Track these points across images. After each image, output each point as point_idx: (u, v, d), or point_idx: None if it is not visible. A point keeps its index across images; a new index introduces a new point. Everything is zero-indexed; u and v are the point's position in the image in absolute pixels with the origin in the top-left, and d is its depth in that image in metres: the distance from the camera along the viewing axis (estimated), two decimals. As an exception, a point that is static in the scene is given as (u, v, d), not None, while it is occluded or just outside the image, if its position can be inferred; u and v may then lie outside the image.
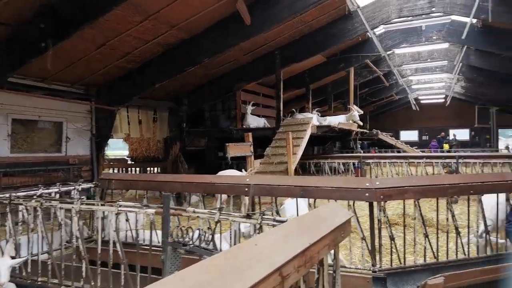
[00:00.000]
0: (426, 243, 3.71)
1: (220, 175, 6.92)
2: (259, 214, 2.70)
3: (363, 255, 3.74)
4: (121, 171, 12.95)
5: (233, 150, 8.29)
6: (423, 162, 11.26)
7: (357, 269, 3.62)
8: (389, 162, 11.86)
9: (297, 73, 13.92)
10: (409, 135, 31.86)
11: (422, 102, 29.15)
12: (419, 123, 31.23)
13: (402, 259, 3.72)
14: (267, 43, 10.39)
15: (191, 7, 7.40)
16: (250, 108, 12.14)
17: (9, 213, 3.88)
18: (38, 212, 3.72)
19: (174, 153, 12.31)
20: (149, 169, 13.91)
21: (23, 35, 6.43)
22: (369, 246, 3.62)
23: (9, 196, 3.91)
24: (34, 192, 4.23)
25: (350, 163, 12.73)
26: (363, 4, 10.10)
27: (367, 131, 18.18)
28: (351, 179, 7.11)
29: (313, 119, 11.20)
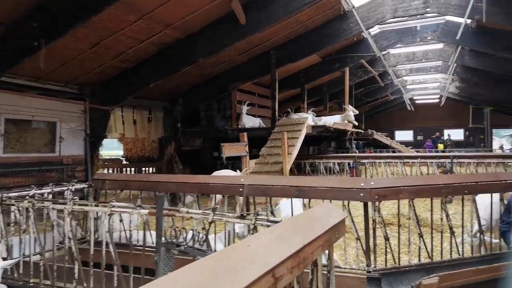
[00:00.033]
0: (421, 243, 3.71)
1: (215, 175, 6.90)
2: (253, 215, 2.69)
3: (357, 255, 3.74)
4: (115, 171, 12.89)
5: (228, 150, 8.28)
6: (417, 162, 11.30)
7: (351, 269, 3.62)
8: (384, 162, 11.89)
9: (292, 73, 13.92)
10: (404, 135, 31.96)
11: (417, 102, 29.26)
12: (414, 123, 31.35)
13: (397, 259, 3.73)
14: (262, 43, 10.38)
15: (185, 6, 7.37)
16: (245, 108, 12.12)
17: (1, 214, 3.84)
18: (30, 212, 3.68)
19: (169, 153, 12.26)
20: (144, 169, 13.85)
21: (15, 34, 6.37)
22: (364, 246, 3.61)
23: (0, 197, 3.87)
24: (26, 193, 4.19)
25: (345, 163, 12.74)
26: (358, 4, 10.11)
27: (362, 131, 18.24)
28: (346, 179, 7.11)
29: (308, 119, 11.20)
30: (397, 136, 30.51)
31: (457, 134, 29.18)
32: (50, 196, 4.41)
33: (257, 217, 2.67)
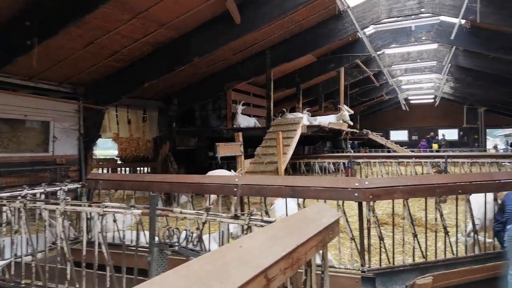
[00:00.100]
0: (415, 242, 3.71)
1: (209, 175, 6.87)
2: (247, 215, 2.67)
3: (352, 255, 3.73)
4: (110, 171, 12.83)
5: (223, 150, 8.25)
6: (412, 162, 11.34)
7: (346, 269, 3.62)
8: (379, 162, 11.92)
9: (287, 73, 13.91)
10: (399, 135, 32.10)
11: (411, 102, 29.38)
12: (408, 123, 31.50)
13: (391, 258, 3.72)
14: (258, 42, 10.36)
15: (180, 5, 7.33)
16: (240, 108, 12.10)
17: (-8, 214, 3.80)
18: (21, 213, 3.64)
19: (164, 153, 12.19)
20: (138, 169, 13.80)
21: (8, 33, 6.30)
22: (358, 246, 3.61)
23: (-9, 197, 3.83)
24: (18, 193, 4.14)
25: (341, 163, 12.76)
26: (353, 4, 10.12)
27: (358, 131, 18.26)
28: (340, 179, 7.11)
29: (303, 119, 11.20)
30: (392, 136, 30.63)
31: (451, 134, 29.38)
32: (43, 196, 4.37)
33: (251, 217, 2.66)
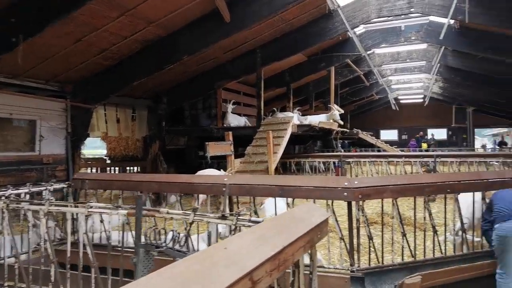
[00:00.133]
0: (404, 241, 3.71)
1: (198, 174, 6.81)
2: (234, 215, 2.63)
3: (341, 254, 3.72)
4: (99, 170, 12.68)
5: (213, 149, 8.19)
6: (402, 161, 11.41)
7: (335, 269, 3.59)
8: (369, 161, 11.97)
9: (278, 72, 13.89)
10: (389, 134, 32.35)
11: (401, 102, 29.63)
12: (398, 122, 31.75)
13: (380, 258, 3.71)
14: (248, 41, 10.32)
15: (169, 3, 7.25)
16: (230, 107, 12.04)
17: (-26, 215, 3.69)
18: (4, 214, 3.55)
19: (153, 152, 12.09)
20: (128, 169, 13.67)
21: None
22: (348, 246, 3.59)
23: (-26, 197, 3.73)
24: (2, 193, 4.04)
25: (331, 162, 12.79)
26: (344, 3, 10.13)
27: (348, 130, 18.33)
28: (330, 178, 7.10)
29: (294, 118, 11.20)
30: (382, 136, 30.87)
31: (440, 134, 29.69)
32: (28, 197, 4.27)
33: (239, 217, 2.61)
